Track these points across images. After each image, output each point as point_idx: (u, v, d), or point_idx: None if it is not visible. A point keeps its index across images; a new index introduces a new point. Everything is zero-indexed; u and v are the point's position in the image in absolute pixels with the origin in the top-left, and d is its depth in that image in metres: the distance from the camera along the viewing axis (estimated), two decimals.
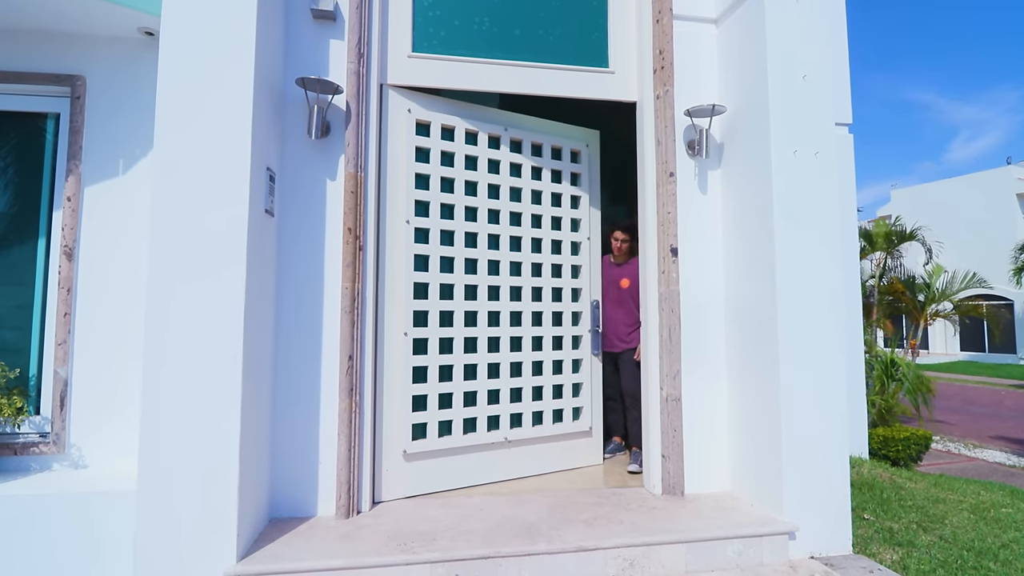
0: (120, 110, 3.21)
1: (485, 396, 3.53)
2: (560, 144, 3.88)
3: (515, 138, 3.71)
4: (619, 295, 4.07)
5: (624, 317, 4.04)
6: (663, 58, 3.33)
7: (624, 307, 4.05)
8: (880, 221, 14.56)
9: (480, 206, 3.56)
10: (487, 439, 3.50)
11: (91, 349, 3.11)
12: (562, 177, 3.89)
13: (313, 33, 3.05)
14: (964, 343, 23.83)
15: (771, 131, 2.98)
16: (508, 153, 3.68)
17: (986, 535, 3.26)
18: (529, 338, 3.70)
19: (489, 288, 3.59)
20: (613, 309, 4.08)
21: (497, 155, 3.65)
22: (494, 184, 3.64)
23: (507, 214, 3.66)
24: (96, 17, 3.03)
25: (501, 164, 3.67)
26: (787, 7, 3.06)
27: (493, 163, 3.65)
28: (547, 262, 3.79)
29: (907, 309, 13.86)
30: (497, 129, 3.65)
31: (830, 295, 2.98)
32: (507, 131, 3.68)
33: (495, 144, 3.66)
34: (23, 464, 3.04)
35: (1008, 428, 10.05)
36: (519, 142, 3.74)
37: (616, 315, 4.07)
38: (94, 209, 3.16)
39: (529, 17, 3.51)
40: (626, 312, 4.04)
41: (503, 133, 3.67)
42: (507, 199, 3.67)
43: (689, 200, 3.37)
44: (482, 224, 3.56)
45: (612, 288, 4.09)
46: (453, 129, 3.51)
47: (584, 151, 4.00)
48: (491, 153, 3.63)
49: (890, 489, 4.09)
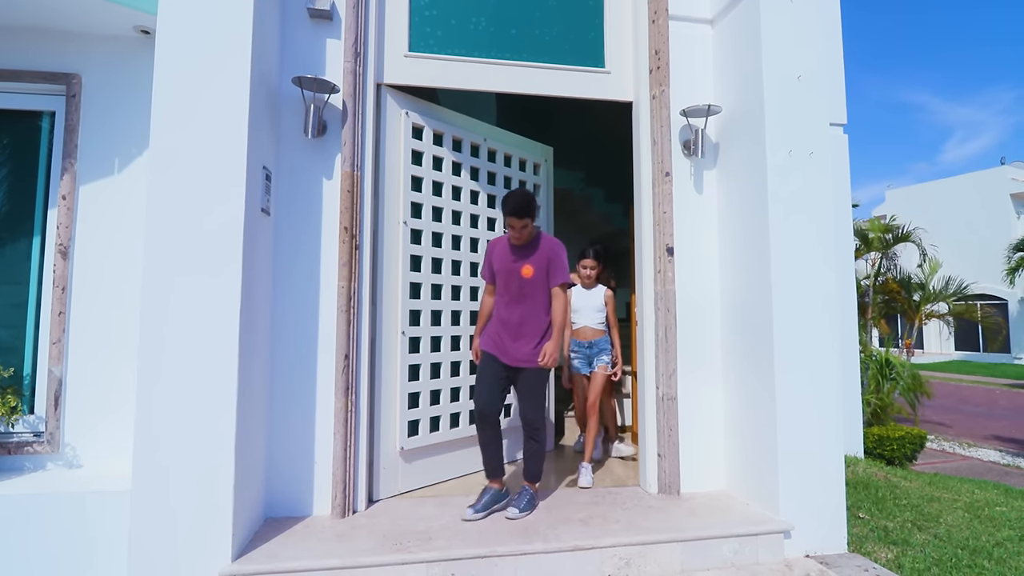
0: (116, 108, 3.19)
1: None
2: (525, 157, 4.18)
3: (492, 148, 3.93)
4: (520, 287, 3.02)
5: (528, 320, 3.00)
6: (659, 58, 3.34)
7: (527, 305, 3.01)
8: (876, 220, 14.60)
9: (463, 210, 3.78)
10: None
11: (86, 348, 3.09)
12: (526, 187, 4.18)
13: (310, 32, 3.05)
14: (959, 343, 23.93)
15: (766, 131, 2.99)
16: (486, 162, 3.91)
17: (980, 533, 3.28)
18: None
19: (470, 289, 3.82)
20: (510, 308, 3.03)
21: (477, 163, 3.85)
22: (475, 190, 3.86)
23: (485, 219, 3.93)
24: (92, 15, 3.02)
25: (480, 171, 3.88)
26: (782, 8, 3.07)
27: (474, 170, 3.85)
28: None
29: (902, 309, 13.92)
30: (478, 138, 3.84)
31: (825, 294, 2.99)
32: (486, 141, 3.89)
33: (475, 153, 3.87)
34: (17, 463, 3.02)
35: (1002, 427, 10.11)
36: (494, 152, 3.97)
37: (513, 316, 3.01)
38: (89, 208, 3.15)
39: (526, 17, 3.52)
40: (531, 313, 3.01)
41: (482, 143, 3.88)
42: (485, 205, 3.92)
43: (685, 200, 3.38)
44: (465, 228, 3.78)
45: (511, 279, 3.03)
46: (443, 135, 3.63)
47: (543, 165, 4.33)
48: (472, 161, 3.83)
49: (885, 488, 4.10)
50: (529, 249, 3.02)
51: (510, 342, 3.00)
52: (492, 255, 3.12)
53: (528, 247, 3.02)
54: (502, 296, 3.07)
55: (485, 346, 3.07)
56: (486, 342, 3.07)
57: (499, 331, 3.04)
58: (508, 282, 3.03)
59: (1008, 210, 23.52)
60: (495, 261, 3.09)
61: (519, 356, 2.99)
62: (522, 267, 2.99)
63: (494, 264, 3.09)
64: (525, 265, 2.99)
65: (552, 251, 3.02)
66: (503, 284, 3.05)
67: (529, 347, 2.99)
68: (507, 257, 3.04)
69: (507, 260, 3.04)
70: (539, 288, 3.01)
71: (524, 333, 3.00)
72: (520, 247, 3.03)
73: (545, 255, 3.01)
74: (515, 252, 3.03)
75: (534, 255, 3.00)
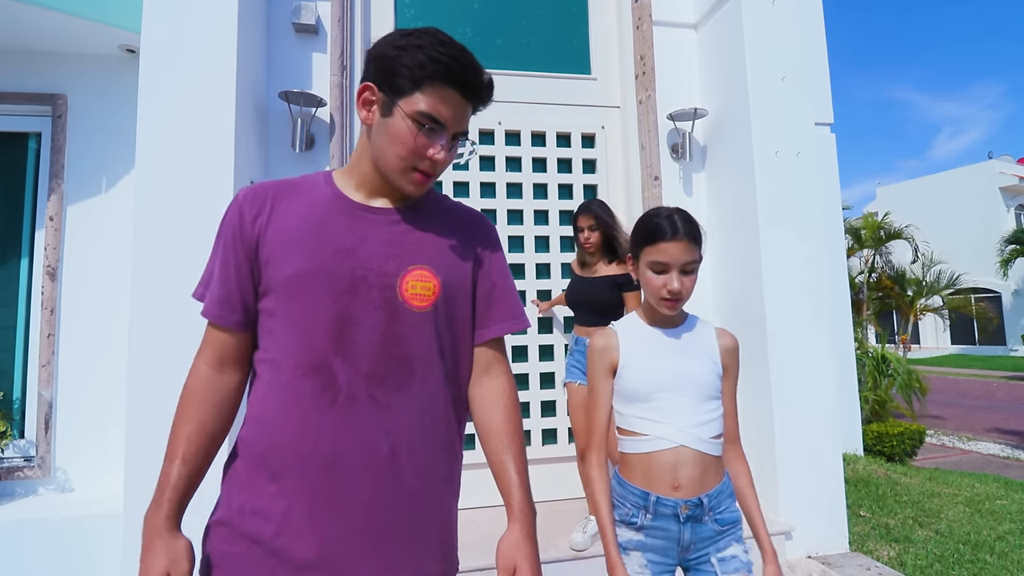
0: (103, 128, 3.19)
1: None
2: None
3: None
4: (393, 343, 0.94)
5: (415, 456, 0.94)
6: (644, 64, 3.36)
7: (409, 404, 0.94)
8: (868, 217, 14.67)
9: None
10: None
11: (76, 370, 3.06)
12: None
13: (295, 46, 3.06)
14: (955, 336, 24.04)
15: (752, 133, 3.01)
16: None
17: (981, 528, 3.27)
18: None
19: None
20: (346, 413, 0.91)
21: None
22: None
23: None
24: (77, 36, 3.01)
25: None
26: (763, 11, 3.10)
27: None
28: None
29: (897, 305, 13.98)
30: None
31: (817, 293, 3.00)
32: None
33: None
34: (8, 489, 2.98)
35: (1001, 420, 10.12)
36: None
37: (348, 442, 0.90)
38: (77, 228, 3.13)
39: (511, 26, 3.54)
40: (420, 433, 0.96)
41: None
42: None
43: (675, 203, 3.36)
44: None
45: (353, 308, 0.93)
46: None
47: None
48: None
49: (885, 485, 4.09)
50: (415, 218, 1.01)
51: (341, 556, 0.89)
52: (256, 234, 0.96)
53: (410, 212, 1.02)
54: (301, 372, 0.92)
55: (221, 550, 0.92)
56: (223, 539, 0.93)
57: (285, 505, 0.90)
58: (337, 321, 0.93)
59: (998, 203, 23.71)
60: (282, 248, 0.95)
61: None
62: (403, 276, 0.95)
63: (277, 259, 0.95)
64: (414, 270, 0.96)
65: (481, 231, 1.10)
66: (314, 324, 0.93)
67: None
68: (330, 237, 0.95)
69: (330, 245, 0.95)
70: (446, 348, 1.01)
71: (395, 517, 0.92)
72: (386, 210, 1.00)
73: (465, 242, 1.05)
74: (359, 223, 0.98)
75: (429, 240, 1.01)
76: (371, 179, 1.00)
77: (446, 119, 0.93)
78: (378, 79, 0.93)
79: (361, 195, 1.01)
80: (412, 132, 0.92)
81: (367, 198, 1.01)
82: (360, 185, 1.01)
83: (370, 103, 0.95)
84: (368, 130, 0.98)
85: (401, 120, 0.92)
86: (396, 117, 0.92)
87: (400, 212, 1.01)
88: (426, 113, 0.91)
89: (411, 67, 0.90)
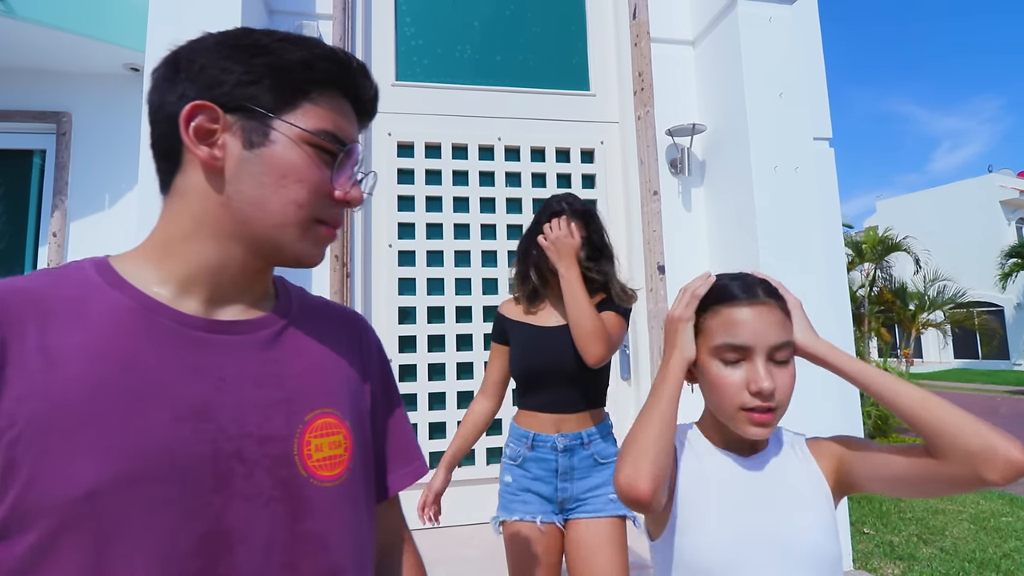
0: (106, 145, 3.22)
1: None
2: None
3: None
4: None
5: None
6: (642, 80, 3.39)
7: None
8: (870, 231, 14.70)
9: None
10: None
11: None
12: None
13: None
14: (957, 350, 23.93)
15: (751, 148, 3.03)
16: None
17: (987, 545, 3.23)
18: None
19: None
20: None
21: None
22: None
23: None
24: (81, 55, 3.06)
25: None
26: (760, 27, 3.14)
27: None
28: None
29: (898, 319, 13.94)
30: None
31: (817, 307, 2.99)
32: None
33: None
34: None
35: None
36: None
37: None
38: (80, 244, 3.15)
39: (510, 44, 3.58)
40: None
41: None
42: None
43: (674, 218, 3.40)
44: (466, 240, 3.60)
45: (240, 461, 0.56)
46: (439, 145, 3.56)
47: None
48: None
49: (889, 502, 4.05)
50: (288, 331, 0.66)
51: None
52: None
53: (279, 321, 0.66)
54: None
55: None
56: None
57: None
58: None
59: (999, 217, 23.76)
60: (56, 434, 0.49)
61: None
62: (301, 434, 0.61)
63: (45, 460, 0.48)
64: (314, 419, 0.63)
65: (367, 338, 0.80)
66: (152, 570, 0.50)
67: None
68: (158, 391, 0.54)
69: (162, 407, 0.54)
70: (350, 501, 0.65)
71: None
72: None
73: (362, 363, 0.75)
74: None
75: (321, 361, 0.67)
76: (214, 268, 0.61)
77: (350, 138, 0.64)
78: (221, 94, 0.59)
79: (194, 301, 0.60)
80: (311, 161, 0.61)
81: (206, 306, 0.61)
82: (188, 283, 0.60)
83: (210, 133, 0.59)
84: (208, 178, 0.60)
85: (291, 147, 0.60)
86: (278, 144, 0.59)
87: (266, 323, 0.64)
88: (327, 131, 0.61)
89: (291, 68, 0.60)
